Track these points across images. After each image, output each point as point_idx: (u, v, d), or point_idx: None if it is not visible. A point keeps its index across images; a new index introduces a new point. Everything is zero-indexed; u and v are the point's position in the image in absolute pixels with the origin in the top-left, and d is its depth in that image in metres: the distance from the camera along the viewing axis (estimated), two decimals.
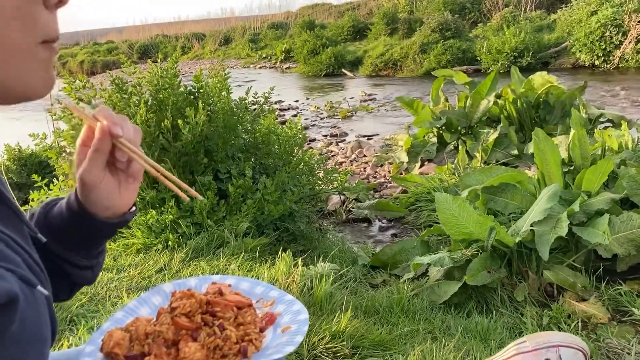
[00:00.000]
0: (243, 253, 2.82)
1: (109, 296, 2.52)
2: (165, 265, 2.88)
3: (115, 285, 2.67)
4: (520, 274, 2.80)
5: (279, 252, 2.58)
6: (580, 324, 2.45)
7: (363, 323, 2.15)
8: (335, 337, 2.02)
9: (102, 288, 2.64)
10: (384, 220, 4.22)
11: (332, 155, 6.02)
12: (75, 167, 0.90)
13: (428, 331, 2.30)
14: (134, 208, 0.99)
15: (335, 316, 2.24)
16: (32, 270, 0.69)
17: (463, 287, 2.69)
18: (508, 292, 2.74)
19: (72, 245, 0.96)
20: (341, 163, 5.74)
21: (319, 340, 1.99)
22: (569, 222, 2.70)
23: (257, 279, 2.48)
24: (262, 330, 1.01)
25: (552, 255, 2.80)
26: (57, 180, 3.40)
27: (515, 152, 4.71)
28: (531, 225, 2.76)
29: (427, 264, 2.81)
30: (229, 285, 1.17)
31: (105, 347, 0.96)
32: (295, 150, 3.79)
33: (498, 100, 5.36)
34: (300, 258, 2.61)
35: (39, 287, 0.67)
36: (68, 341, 2.17)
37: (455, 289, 2.67)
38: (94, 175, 0.87)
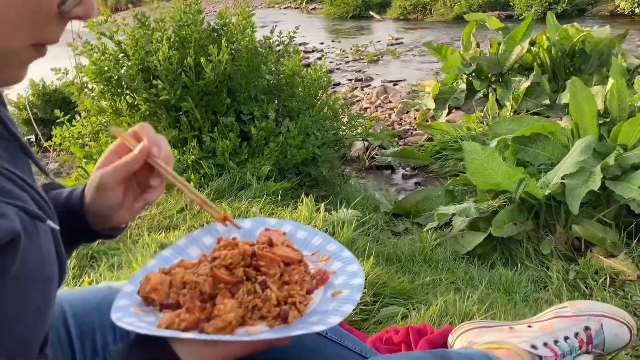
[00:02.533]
0: (265, 196, 2.79)
1: (130, 234, 2.52)
2: (186, 205, 2.87)
3: (137, 224, 2.67)
4: (547, 228, 2.72)
5: (301, 197, 2.54)
6: (608, 280, 2.39)
7: (385, 271, 2.11)
8: None
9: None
10: (408, 168, 4.14)
11: (357, 101, 5.89)
12: (96, 165, 0.91)
13: (451, 281, 2.26)
14: (123, 226, 0.99)
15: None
16: (39, 207, 0.65)
17: (488, 239, 2.64)
18: (534, 245, 2.67)
19: None
20: (366, 109, 5.62)
21: None
22: (602, 176, 2.60)
23: None
24: (310, 292, 0.93)
25: (581, 210, 2.71)
26: (80, 116, 3.37)
27: (547, 101, 4.54)
28: (562, 178, 2.66)
29: (452, 213, 2.75)
30: (284, 234, 1.08)
31: (142, 291, 0.91)
32: (320, 94, 3.70)
33: (531, 47, 5.14)
34: (323, 204, 2.56)
35: (49, 222, 0.63)
36: (89, 277, 2.18)
37: (480, 239, 2.61)
38: (112, 181, 0.87)
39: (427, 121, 4.90)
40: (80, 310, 1.05)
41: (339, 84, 6.81)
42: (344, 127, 3.97)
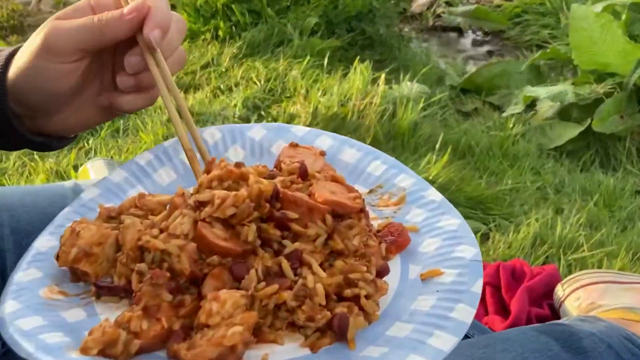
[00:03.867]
0: (308, 57, 2.25)
1: None
2: (213, 59, 2.37)
3: None
4: None
5: (354, 63, 2.00)
6: None
7: (457, 169, 1.64)
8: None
9: None
10: (479, 33, 3.48)
11: None
12: (53, 16, 0.59)
13: (537, 187, 1.78)
14: (71, 137, 0.68)
15: (419, 154, 1.74)
16: None
17: (583, 133, 2.10)
18: (638, 145, 2.14)
19: None
20: None
21: None
22: None
23: (324, 93, 1.95)
24: (382, 272, 0.51)
25: None
26: None
27: None
28: None
29: (541, 97, 2.19)
30: (321, 154, 0.64)
31: (62, 258, 0.51)
32: None
33: None
34: (383, 73, 2.02)
35: None
36: (88, 144, 1.78)
37: (574, 133, 2.08)
38: (68, 45, 0.55)
39: None
40: (21, 217, 0.76)
41: None
42: None
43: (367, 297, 0.48)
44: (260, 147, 0.66)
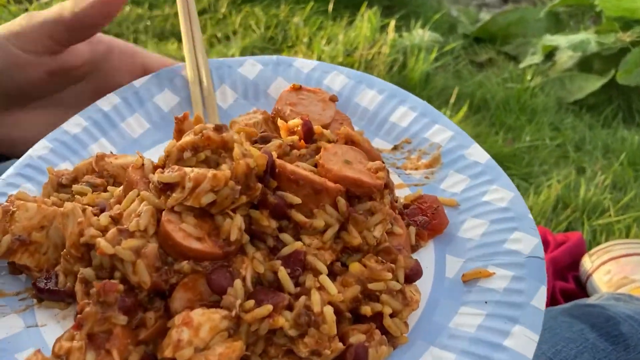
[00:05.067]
0: (312, 2, 2.09)
1: (132, 39, 1.92)
2: (210, 5, 2.21)
3: (144, 27, 2.06)
4: None
5: (362, 8, 1.85)
6: None
7: (472, 124, 1.52)
8: None
9: (128, 28, 2.03)
10: None
11: None
12: None
13: (557, 144, 1.66)
14: None
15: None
16: None
17: (606, 86, 1.96)
18: None
19: None
20: None
21: None
22: None
23: (329, 42, 1.80)
24: (413, 275, 0.39)
25: None
26: None
27: None
28: None
29: (563, 46, 2.04)
30: (332, 100, 0.49)
31: None
32: None
33: None
34: (393, 20, 1.87)
35: None
36: None
37: (596, 86, 1.95)
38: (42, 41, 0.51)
39: None
40: None
41: None
42: None
43: (392, 314, 0.36)
44: (254, 88, 0.53)
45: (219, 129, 0.40)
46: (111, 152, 0.48)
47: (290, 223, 0.37)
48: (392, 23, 1.73)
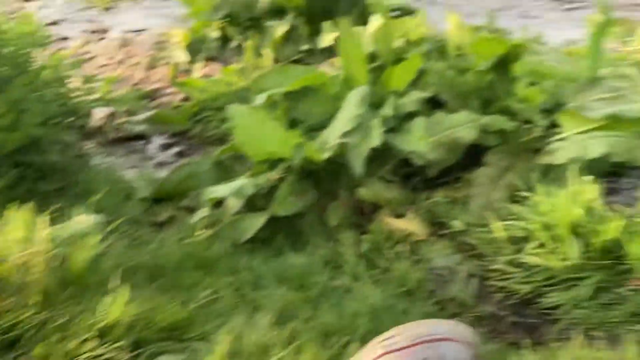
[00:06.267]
0: None
1: None
2: None
3: None
4: (331, 195, 2.40)
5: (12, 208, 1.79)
6: (407, 246, 2.17)
7: (148, 300, 1.55)
8: (106, 333, 1.39)
9: None
10: (165, 136, 3.51)
11: (92, 57, 4.94)
12: None
13: (235, 289, 1.79)
14: None
15: (101, 293, 1.59)
16: None
17: (270, 220, 2.22)
18: (321, 218, 2.34)
19: None
20: (104, 66, 4.74)
21: (80, 343, 1.35)
22: (382, 129, 2.35)
23: None
24: None
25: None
26: None
27: (307, 47, 4.26)
28: (341, 137, 2.35)
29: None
30: None
31: None
32: (35, 54, 2.84)
33: None
34: (50, 210, 1.83)
35: None
36: None
37: (261, 222, 2.19)
38: None
39: (181, 77, 4.27)
40: None
41: (67, 38, 5.68)
42: (79, 92, 3.17)
43: None
44: None
45: None
46: None
47: None
48: (47, 217, 1.70)
